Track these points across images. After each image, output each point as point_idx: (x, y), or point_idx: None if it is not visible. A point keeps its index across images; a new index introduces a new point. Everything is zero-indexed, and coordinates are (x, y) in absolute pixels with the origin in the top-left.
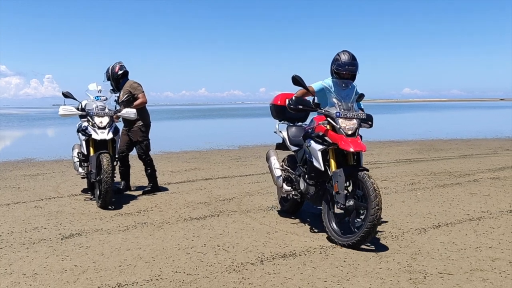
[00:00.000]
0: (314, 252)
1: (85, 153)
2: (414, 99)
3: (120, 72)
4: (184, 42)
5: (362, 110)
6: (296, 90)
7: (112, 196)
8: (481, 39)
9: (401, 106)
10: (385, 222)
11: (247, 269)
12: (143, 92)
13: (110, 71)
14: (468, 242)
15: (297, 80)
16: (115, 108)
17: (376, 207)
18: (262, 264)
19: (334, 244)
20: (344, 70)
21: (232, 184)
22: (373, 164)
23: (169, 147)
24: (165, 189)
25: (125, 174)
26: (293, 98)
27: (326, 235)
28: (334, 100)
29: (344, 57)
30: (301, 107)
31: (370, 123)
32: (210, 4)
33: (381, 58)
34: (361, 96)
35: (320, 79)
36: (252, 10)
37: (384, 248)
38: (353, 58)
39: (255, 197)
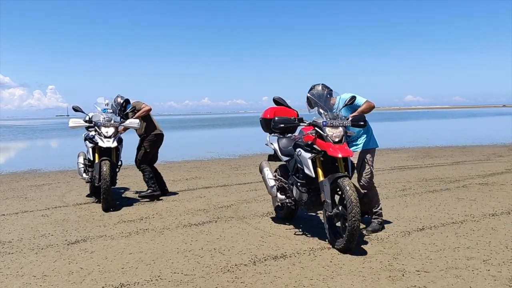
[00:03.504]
0: (304, 253)
1: (91, 159)
2: (417, 106)
3: (122, 101)
4: (187, 52)
5: (361, 111)
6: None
7: (112, 198)
8: (484, 45)
9: (403, 114)
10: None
11: (240, 270)
12: (145, 103)
13: (114, 105)
14: (448, 243)
15: (278, 102)
16: (120, 120)
17: (354, 211)
18: (255, 265)
19: (323, 246)
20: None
21: (231, 192)
22: None
23: (172, 157)
24: (167, 197)
25: (157, 182)
26: (275, 118)
27: (317, 238)
28: (321, 110)
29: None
30: (282, 125)
31: (361, 123)
32: (213, 14)
33: (383, 66)
34: (352, 99)
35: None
36: (255, 20)
37: (369, 249)
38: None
39: (251, 204)
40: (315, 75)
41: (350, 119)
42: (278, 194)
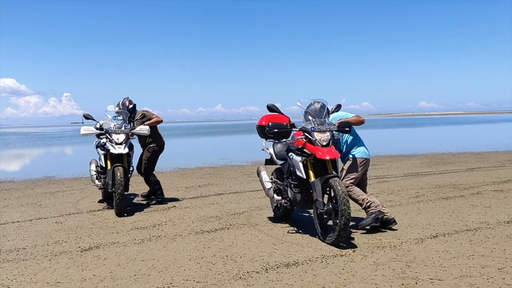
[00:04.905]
0: (316, 261)
1: (103, 166)
2: (430, 112)
3: (130, 106)
4: (201, 60)
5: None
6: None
7: (125, 204)
8: (498, 50)
9: (416, 120)
10: (385, 232)
11: (252, 277)
12: (155, 114)
13: (121, 107)
14: (462, 251)
15: (271, 109)
16: (131, 126)
17: (345, 208)
18: (267, 272)
19: (335, 254)
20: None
21: (243, 199)
22: (381, 178)
23: (185, 164)
24: (179, 204)
25: (150, 191)
26: (269, 124)
27: (329, 246)
28: (309, 117)
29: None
30: (276, 130)
31: (347, 129)
32: (226, 22)
33: (396, 72)
34: (338, 106)
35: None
36: (268, 28)
37: (381, 256)
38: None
39: (264, 211)
40: (327, 80)
41: (336, 124)
42: (275, 196)
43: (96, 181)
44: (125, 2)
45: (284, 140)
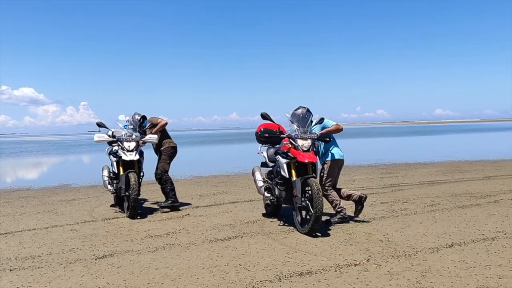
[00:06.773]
0: (330, 270)
1: (116, 172)
2: (446, 120)
3: (139, 117)
4: (216, 69)
5: (329, 130)
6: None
7: (138, 208)
8: None
9: (432, 128)
10: (400, 242)
11: (265, 286)
12: (161, 118)
13: (133, 122)
14: (479, 261)
15: (264, 116)
16: (140, 135)
17: (318, 204)
18: (280, 281)
19: (349, 263)
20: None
21: (257, 207)
22: (396, 187)
23: (199, 172)
24: (193, 212)
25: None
26: (261, 129)
27: (343, 255)
28: (295, 126)
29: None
30: (267, 135)
31: (327, 139)
32: (241, 31)
33: (412, 80)
34: (321, 119)
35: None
36: (282, 36)
37: (396, 266)
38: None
39: (277, 220)
40: (342, 88)
41: (318, 134)
42: (265, 193)
43: (109, 186)
44: (141, 13)
45: (277, 146)
